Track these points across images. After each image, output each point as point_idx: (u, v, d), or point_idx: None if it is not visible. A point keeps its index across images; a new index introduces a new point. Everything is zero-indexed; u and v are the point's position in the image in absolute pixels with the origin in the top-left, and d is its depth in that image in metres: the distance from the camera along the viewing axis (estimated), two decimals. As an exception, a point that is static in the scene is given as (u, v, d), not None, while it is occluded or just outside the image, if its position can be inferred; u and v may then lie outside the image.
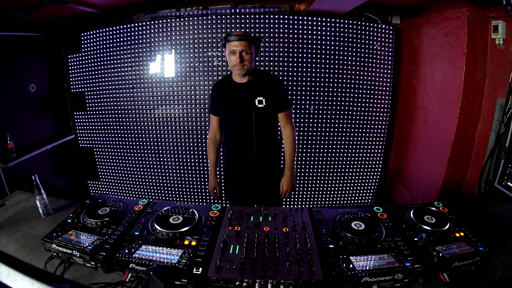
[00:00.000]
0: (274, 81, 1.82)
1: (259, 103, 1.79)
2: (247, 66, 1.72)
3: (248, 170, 1.94)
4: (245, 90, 1.81)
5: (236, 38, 1.67)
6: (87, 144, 3.38)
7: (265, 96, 1.79)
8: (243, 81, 1.82)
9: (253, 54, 1.74)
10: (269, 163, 1.96)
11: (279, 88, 1.82)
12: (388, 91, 2.97)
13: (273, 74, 1.93)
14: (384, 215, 1.40)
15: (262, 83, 1.80)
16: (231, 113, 1.88)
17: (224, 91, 1.88)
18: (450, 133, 2.38)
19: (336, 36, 2.79)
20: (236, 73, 1.76)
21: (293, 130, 1.91)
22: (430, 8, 2.49)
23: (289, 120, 1.89)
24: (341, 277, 1.04)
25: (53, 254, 1.21)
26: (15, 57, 2.76)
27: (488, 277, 1.10)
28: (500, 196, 2.04)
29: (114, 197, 1.57)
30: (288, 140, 1.90)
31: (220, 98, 1.90)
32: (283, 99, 1.85)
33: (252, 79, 1.82)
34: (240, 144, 1.92)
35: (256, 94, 1.79)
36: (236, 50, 1.68)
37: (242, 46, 1.67)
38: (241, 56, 1.69)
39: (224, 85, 1.90)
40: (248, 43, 1.68)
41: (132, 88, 3.06)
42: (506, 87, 2.02)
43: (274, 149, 1.97)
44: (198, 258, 1.12)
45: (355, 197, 3.27)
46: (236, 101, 1.84)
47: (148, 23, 2.87)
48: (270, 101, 1.81)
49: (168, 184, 3.28)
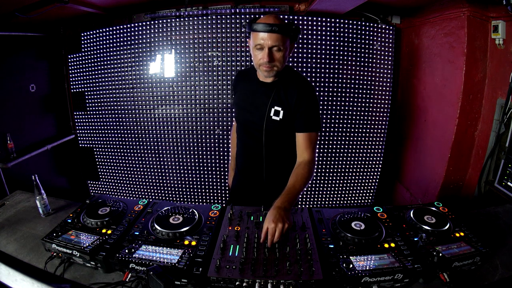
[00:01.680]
0: (304, 90, 1.38)
1: (275, 115, 1.40)
2: (277, 68, 1.31)
3: (255, 192, 1.60)
4: (264, 92, 1.42)
5: (266, 28, 1.22)
6: (87, 144, 3.38)
7: (285, 107, 1.39)
8: (267, 80, 1.42)
9: (287, 51, 1.32)
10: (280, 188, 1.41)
11: (307, 101, 1.38)
12: (388, 91, 2.97)
13: (307, 81, 1.44)
14: (384, 215, 1.40)
15: (287, 89, 1.39)
16: (242, 116, 1.53)
17: (243, 86, 1.54)
18: (450, 133, 2.38)
19: (336, 36, 2.78)
20: (261, 74, 1.38)
21: (313, 160, 1.40)
22: (430, 8, 2.49)
23: (310, 147, 1.39)
24: (341, 277, 1.04)
25: (53, 254, 1.21)
26: (15, 57, 2.76)
27: (488, 277, 1.10)
28: (500, 196, 2.04)
29: (114, 197, 1.57)
30: (302, 167, 1.36)
31: (238, 93, 1.56)
32: (309, 118, 1.38)
33: (278, 80, 1.41)
34: (248, 157, 1.59)
35: (274, 102, 1.39)
36: (264, 45, 1.25)
37: (273, 41, 1.24)
38: (270, 54, 1.26)
39: (245, 78, 1.54)
40: (282, 37, 1.24)
41: (132, 88, 3.06)
42: (506, 87, 2.02)
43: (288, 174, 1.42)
44: (198, 258, 1.12)
45: (355, 197, 3.27)
46: (250, 104, 1.47)
47: (148, 23, 2.87)
48: (289, 116, 1.39)
49: (168, 184, 3.28)
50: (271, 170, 1.52)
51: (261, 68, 1.33)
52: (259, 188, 1.58)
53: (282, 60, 1.31)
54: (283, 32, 1.24)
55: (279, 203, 1.21)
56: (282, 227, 1.12)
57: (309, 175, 1.35)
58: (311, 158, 1.40)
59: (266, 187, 1.55)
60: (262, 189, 1.56)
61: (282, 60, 1.31)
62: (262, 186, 1.56)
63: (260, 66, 1.32)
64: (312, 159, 1.40)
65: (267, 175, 1.53)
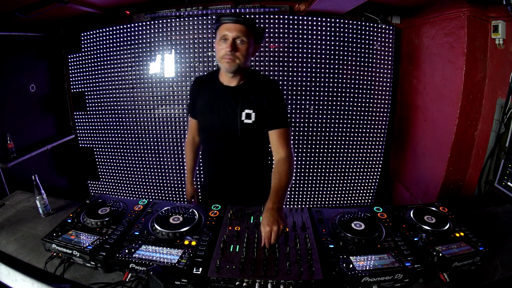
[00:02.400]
0: (271, 90, 1.42)
1: (246, 118, 1.40)
2: (240, 61, 1.31)
3: (231, 195, 1.57)
4: (232, 97, 1.41)
5: (232, 19, 1.27)
6: (87, 144, 3.38)
7: (256, 109, 1.40)
8: (231, 84, 1.42)
9: (251, 48, 1.34)
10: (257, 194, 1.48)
11: (276, 100, 1.41)
12: (388, 91, 2.97)
13: (272, 80, 1.48)
14: (384, 215, 1.40)
15: (255, 91, 1.40)
16: (210, 124, 1.48)
17: (206, 93, 1.49)
18: (450, 133, 2.38)
19: (336, 36, 2.78)
20: (223, 69, 1.35)
21: (291, 155, 1.41)
22: (430, 8, 2.49)
23: (285, 143, 1.41)
24: (341, 277, 1.04)
25: (53, 254, 1.21)
26: (15, 57, 2.76)
27: (488, 277, 1.10)
28: (500, 196, 2.04)
29: (114, 197, 1.57)
30: (281, 164, 1.37)
31: (200, 100, 1.51)
32: (278, 115, 1.41)
33: (244, 83, 1.42)
34: (221, 163, 1.54)
35: (244, 105, 1.39)
36: (228, 36, 1.28)
37: (237, 32, 1.27)
38: (233, 44, 1.28)
39: (207, 83, 1.51)
40: (246, 29, 1.29)
41: (132, 88, 3.06)
42: (506, 87, 2.02)
43: (264, 179, 1.48)
44: (198, 258, 1.12)
45: (355, 197, 3.27)
46: (217, 110, 1.44)
47: (148, 23, 2.87)
48: (262, 117, 1.41)
49: (168, 184, 3.28)
50: (246, 172, 1.53)
51: (223, 60, 1.31)
52: (236, 191, 1.58)
53: (245, 54, 1.31)
54: (247, 25, 1.29)
55: (270, 204, 1.20)
56: (278, 229, 1.12)
57: (290, 170, 1.36)
58: (288, 153, 1.41)
59: (242, 189, 1.56)
60: (239, 191, 1.57)
61: (245, 54, 1.31)
62: (238, 188, 1.56)
63: (222, 58, 1.31)
64: (289, 154, 1.41)
65: (243, 177, 1.53)
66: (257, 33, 1.36)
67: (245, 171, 1.53)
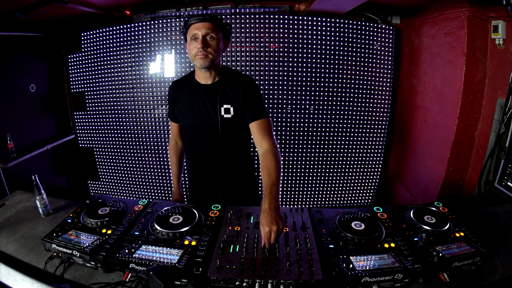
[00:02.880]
0: (246, 84, 1.46)
1: (225, 113, 1.45)
2: (212, 56, 1.36)
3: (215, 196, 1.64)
4: (209, 94, 1.47)
5: (199, 18, 1.34)
6: (87, 144, 3.38)
7: (233, 103, 1.45)
8: (208, 81, 1.48)
9: (221, 43, 1.40)
10: (242, 188, 1.63)
11: (252, 94, 1.45)
12: (388, 91, 2.97)
13: (246, 75, 1.54)
14: (384, 215, 1.40)
15: (231, 86, 1.46)
16: (191, 123, 1.53)
17: (183, 94, 1.53)
18: (450, 133, 2.38)
19: (336, 36, 2.79)
20: (198, 65, 1.39)
21: (274, 146, 1.40)
22: (430, 8, 2.49)
23: (267, 134, 1.42)
24: (341, 277, 1.04)
25: (53, 254, 1.21)
26: (15, 57, 2.76)
27: (488, 277, 1.10)
28: (500, 196, 2.04)
29: (114, 197, 1.57)
30: (266, 157, 1.36)
31: (178, 102, 1.56)
32: (256, 107, 1.45)
33: (220, 80, 1.48)
34: (205, 164, 1.60)
35: (222, 101, 1.45)
36: (198, 34, 1.34)
37: (206, 29, 1.34)
38: (205, 41, 1.34)
39: (183, 85, 1.55)
40: (214, 26, 1.35)
41: (132, 88, 3.06)
42: (506, 87, 2.02)
43: (248, 172, 1.62)
44: (198, 258, 1.12)
45: (355, 197, 3.27)
46: (197, 108, 1.49)
47: (148, 23, 2.87)
48: (240, 111, 1.46)
49: (168, 184, 3.28)
50: (230, 167, 1.58)
51: (197, 58, 1.36)
52: (221, 187, 1.63)
53: (216, 49, 1.37)
54: (214, 22, 1.36)
55: (266, 205, 1.20)
56: (277, 229, 1.13)
57: (278, 163, 1.34)
58: (271, 145, 1.40)
59: (227, 184, 1.61)
60: (224, 186, 1.62)
61: (216, 49, 1.37)
62: (224, 184, 1.61)
63: (195, 56, 1.36)
64: (272, 145, 1.40)
65: (227, 172, 1.58)
66: (224, 29, 1.42)
67: (228, 166, 1.58)
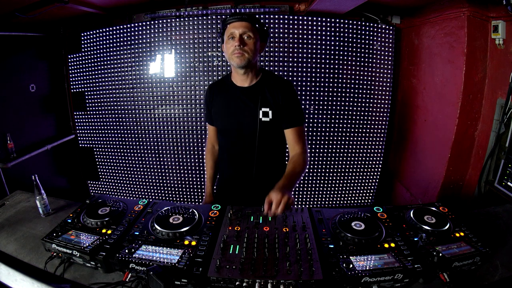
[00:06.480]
0: (285, 88, 1.45)
1: (264, 116, 1.42)
2: (249, 55, 1.35)
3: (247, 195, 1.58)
4: (247, 97, 1.45)
5: (237, 17, 1.34)
6: (87, 144, 3.38)
7: (272, 107, 1.43)
8: (245, 84, 1.46)
9: (258, 43, 1.38)
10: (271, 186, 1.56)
11: (291, 98, 1.45)
12: (388, 91, 2.97)
13: (284, 78, 1.52)
14: (384, 215, 1.39)
15: (270, 89, 1.44)
16: (227, 125, 1.52)
17: (221, 96, 1.52)
18: (450, 133, 2.38)
19: (336, 36, 2.79)
20: (234, 64, 1.38)
21: (305, 151, 1.45)
22: (430, 8, 2.49)
23: (301, 140, 1.47)
24: (341, 277, 1.04)
25: (53, 254, 1.21)
26: (15, 57, 2.76)
27: (488, 277, 1.10)
28: (500, 196, 2.04)
29: (114, 197, 1.57)
30: (296, 157, 1.44)
31: (215, 104, 1.54)
32: (294, 112, 1.45)
33: (258, 82, 1.46)
34: (238, 167, 1.57)
35: (261, 104, 1.42)
36: (235, 33, 1.33)
37: (243, 28, 1.33)
38: (241, 40, 1.33)
39: (221, 87, 1.54)
40: (251, 26, 1.34)
41: (132, 88, 3.06)
42: (506, 87, 2.02)
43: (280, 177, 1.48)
44: (198, 258, 1.12)
45: (355, 197, 3.27)
46: (235, 111, 1.48)
47: (148, 23, 2.87)
48: (278, 115, 1.44)
49: (168, 184, 3.28)
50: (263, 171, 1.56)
51: (233, 56, 1.35)
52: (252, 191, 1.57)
53: (253, 49, 1.35)
54: (252, 22, 1.35)
55: (281, 184, 1.26)
56: (286, 200, 1.17)
57: (304, 163, 1.43)
58: (303, 149, 1.47)
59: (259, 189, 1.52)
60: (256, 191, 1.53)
61: (253, 49, 1.35)
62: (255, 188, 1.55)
63: (232, 54, 1.35)
64: (304, 150, 1.47)
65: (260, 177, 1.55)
66: (262, 30, 1.41)
67: (262, 171, 1.55)
